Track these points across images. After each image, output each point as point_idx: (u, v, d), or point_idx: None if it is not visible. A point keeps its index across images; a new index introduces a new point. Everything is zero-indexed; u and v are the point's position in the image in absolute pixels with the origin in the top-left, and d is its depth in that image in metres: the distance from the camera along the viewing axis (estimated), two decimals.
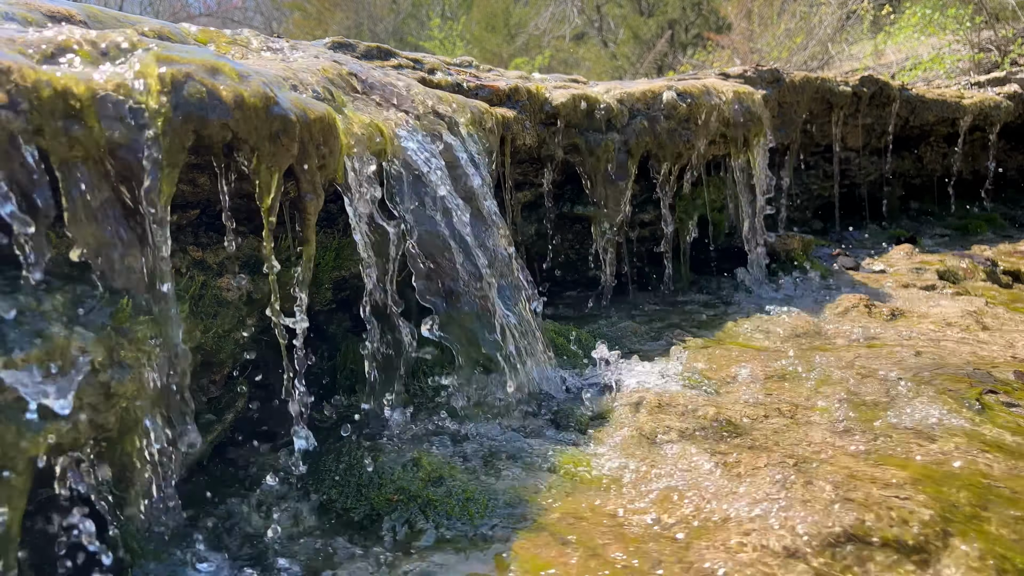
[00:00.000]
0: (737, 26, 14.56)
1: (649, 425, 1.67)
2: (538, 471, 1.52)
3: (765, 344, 2.37)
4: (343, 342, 1.97)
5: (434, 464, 1.48)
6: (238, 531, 1.34)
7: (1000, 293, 3.10)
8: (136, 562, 1.19)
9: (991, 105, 4.70)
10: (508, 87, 2.52)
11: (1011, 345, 2.25)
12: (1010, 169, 5.24)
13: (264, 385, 1.73)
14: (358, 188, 1.58)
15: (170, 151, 1.14)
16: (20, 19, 1.36)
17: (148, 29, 1.65)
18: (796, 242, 3.28)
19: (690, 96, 2.87)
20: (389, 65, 2.42)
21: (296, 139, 1.34)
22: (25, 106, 1.01)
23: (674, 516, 1.32)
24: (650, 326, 2.60)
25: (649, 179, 2.95)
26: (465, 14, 19.77)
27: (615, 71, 17.53)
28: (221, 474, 1.55)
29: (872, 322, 2.56)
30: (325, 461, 1.53)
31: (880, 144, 4.60)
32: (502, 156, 2.46)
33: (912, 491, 1.32)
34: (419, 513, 1.36)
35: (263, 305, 1.64)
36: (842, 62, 12.12)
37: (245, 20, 19.01)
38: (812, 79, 4.00)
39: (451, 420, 1.73)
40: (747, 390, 1.93)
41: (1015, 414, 1.70)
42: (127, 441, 1.18)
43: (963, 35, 9.01)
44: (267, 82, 1.33)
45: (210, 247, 1.54)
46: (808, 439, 1.61)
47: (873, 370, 2.01)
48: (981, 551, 1.16)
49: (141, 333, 1.16)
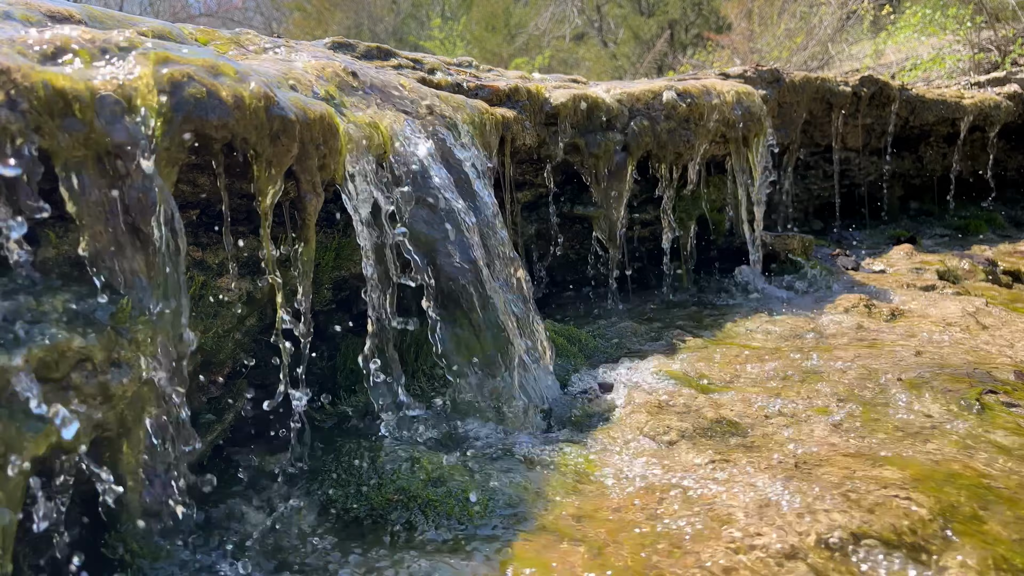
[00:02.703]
0: (737, 26, 14.56)
1: (649, 425, 1.67)
2: (538, 471, 1.52)
3: (765, 344, 2.37)
4: (343, 342, 1.97)
5: (434, 464, 1.48)
6: (238, 531, 1.34)
7: (1000, 293, 3.10)
8: (136, 562, 1.19)
9: (991, 105, 4.70)
10: (508, 87, 2.52)
11: (1011, 345, 2.25)
12: (1010, 169, 5.23)
13: (264, 385, 1.73)
14: (357, 188, 1.58)
15: (170, 151, 1.14)
16: (20, 19, 1.36)
17: (148, 29, 1.65)
18: (796, 242, 3.29)
19: (690, 96, 2.87)
20: (389, 65, 2.42)
21: (296, 139, 1.34)
22: (25, 106, 1.01)
23: (675, 516, 1.32)
24: (650, 326, 2.60)
25: (649, 179, 2.95)
26: (465, 14, 19.77)
27: (615, 71, 17.53)
28: (221, 474, 1.55)
29: (872, 322, 2.56)
30: (325, 461, 1.53)
31: (880, 144, 4.60)
32: (502, 156, 2.46)
33: (912, 491, 1.31)
34: (419, 513, 1.35)
35: (263, 305, 1.64)
36: (842, 62, 12.11)
37: (245, 20, 19.01)
38: (812, 79, 4.00)
39: (451, 420, 1.73)
40: (747, 390, 1.93)
41: (1015, 414, 1.70)
42: (127, 441, 1.18)
43: (963, 35, 9.00)
44: (267, 82, 1.33)
45: (210, 247, 1.54)
46: (808, 439, 1.61)
47: (873, 370, 2.01)
48: (981, 551, 1.16)
49: (141, 333, 1.16)
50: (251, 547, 1.30)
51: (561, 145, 2.65)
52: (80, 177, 1.09)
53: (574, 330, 2.35)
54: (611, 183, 2.72)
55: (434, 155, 1.80)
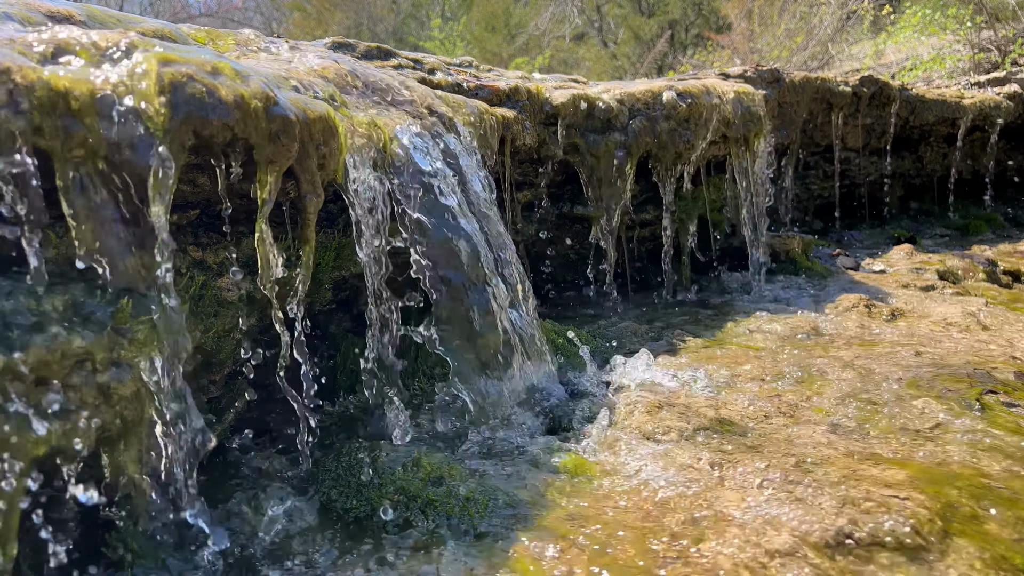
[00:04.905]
0: (737, 26, 14.56)
1: (649, 425, 1.67)
2: (538, 471, 1.52)
3: (765, 344, 2.37)
4: (343, 342, 1.97)
5: (434, 464, 1.48)
6: (238, 531, 1.34)
7: (1000, 293, 3.10)
8: (136, 562, 1.19)
9: (991, 105, 4.70)
10: (508, 87, 2.52)
11: (1011, 345, 2.25)
12: (1010, 169, 5.24)
13: (264, 385, 1.73)
14: (358, 188, 1.58)
15: (170, 151, 1.14)
16: (20, 19, 1.36)
17: (148, 29, 1.65)
18: (796, 242, 3.29)
19: (690, 96, 2.87)
20: (389, 65, 2.42)
21: (296, 139, 1.34)
22: (25, 106, 1.01)
23: (675, 516, 1.32)
24: (650, 326, 2.60)
25: (649, 179, 2.95)
26: (465, 14, 19.77)
27: (615, 71, 17.53)
28: (221, 474, 1.55)
29: (872, 322, 2.56)
30: (325, 461, 1.53)
31: (880, 144, 4.60)
32: (502, 156, 2.46)
33: (912, 491, 1.32)
34: (419, 513, 1.35)
35: (263, 305, 1.64)
36: (842, 62, 12.11)
37: (245, 20, 19.01)
38: (812, 79, 4.00)
39: (451, 420, 1.73)
40: (747, 390, 1.93)
41: (1015, 414, 1.70)
42: (127, 441, 1.18)
43: (963, 35, 9.01)
44: (267, 82, 1.33)
45: (210, 247, 1.54)
46: (808, 439, 1.61)
47: (873, 370, 2.01)
48: (981, 551, 1.16)
49: (141, 333, 1.16)
50: (251, 548, 1.30)
51: (561, 145, 2.65)
52: (80, 177, 1.09)
53: (574, 330, 2.35)
54: (611, 183, 2.72)
55: (434, 154, 1.80)
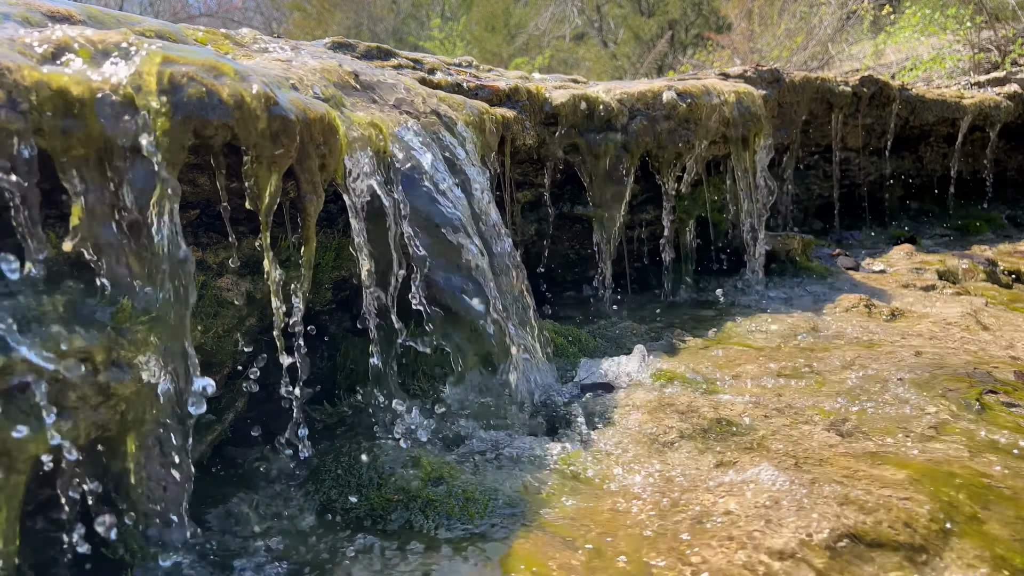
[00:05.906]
0: (737, 26, 14.56)
1: (649, 425, 1.67)
2: (538, 471, 1.52)
3: (765, 344, 2.37)
4: (343, 342, 1.97)
5: (434, 464, 1.48)
6: (238, 531, 1.34)
7: (1000, 293, 3.10)
8: (136, 562, 1.19)
9: (991, 105, 4.70)
10: (508, 87, 2.52)
11: (1011, 345, 2.25)
12: (1010, 169, 5.24)
13: (264, 385, 1.73)
14: (357, 188, 1.57)
15: (170, 151, 1.14)
16: (20, 19, 1.36)
17: (148, 29, 1.65)
18: (796, 242, 3.28)
19: (690, 96, 2.87)
20: (389, 65, 2.42)
21: (296, 139, 1.34)
22: (25, 106, 1.01)
23: (675, 516, 1.32)
24: (650, 326, 2.60)
25: (649, 179, 2.95)
26: (465, 14, 19.77)
27: (615, 71, 17.53)
28: (221, 474, 1.55)
29: (872, 322, 2.56)
30: (325, 461, 1.53)
31: (880, 144, 4.60)
32: (502, 156, 2.46)
33: (912, 491, 1.32)
34: (419, 513, 1.35)
35: (263, 305, 1.64)
36: (842, 62, 12.11)
37: (245, 20, 19.01)
38: (812, 79, 4.00)
39: (451, 420, 1.73)
40: (747, 390, 1.93)
41: (1015, 414, 1.70)
42: (127, 440, 1.18)
43: (963, 35, 9.01)
44: (267, 82, 1.33)
45: (210, 247, 1.54)
46: (808, 439, 1.61)
47: (873, 370, 2.01)
48: (981, 551, 1.16)
49: (141, 333, 1.16)
50: (251, 547, 1.30)
51: (561, 145, 2.65)
52: (80, 177, 1.09)
53: (574, 330, 2.35)
54: (611, 183, 2.72)
55: (434, 155, 1.80)
